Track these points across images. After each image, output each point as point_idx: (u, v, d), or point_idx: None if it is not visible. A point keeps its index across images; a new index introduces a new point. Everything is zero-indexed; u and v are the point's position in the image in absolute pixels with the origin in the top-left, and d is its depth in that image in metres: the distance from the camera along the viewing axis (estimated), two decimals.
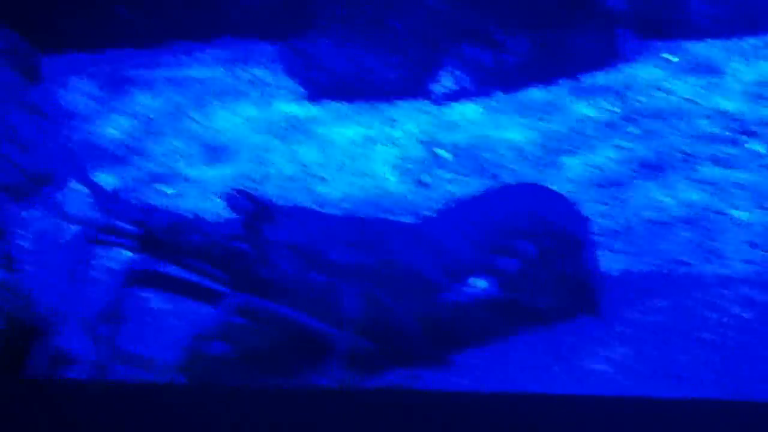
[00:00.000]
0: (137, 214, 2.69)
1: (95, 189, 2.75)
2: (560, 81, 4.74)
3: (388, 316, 2.68)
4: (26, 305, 2.63)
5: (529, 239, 2.89)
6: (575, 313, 2.92)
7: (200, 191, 3.84)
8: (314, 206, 3.76)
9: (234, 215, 2.72)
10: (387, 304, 2.66)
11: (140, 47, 5.30)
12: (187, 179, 3.94)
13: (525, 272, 2.88)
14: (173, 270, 2.76)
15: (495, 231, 2.88)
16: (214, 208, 3.50)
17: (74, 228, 3.43)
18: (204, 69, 5.04)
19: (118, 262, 2.90)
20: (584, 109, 4.40)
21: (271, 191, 3.89)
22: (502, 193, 3.08)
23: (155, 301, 2.96)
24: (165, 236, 2.65)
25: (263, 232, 2.69)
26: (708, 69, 4.75)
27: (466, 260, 2.83)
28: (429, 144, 4.18)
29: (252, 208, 2.70)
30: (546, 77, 4.78)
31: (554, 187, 3.70)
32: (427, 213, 3.72)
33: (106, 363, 2.65)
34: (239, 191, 2.73)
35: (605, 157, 3.99)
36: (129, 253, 2.72)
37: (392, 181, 3.96)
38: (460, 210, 2.99)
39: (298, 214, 2.76)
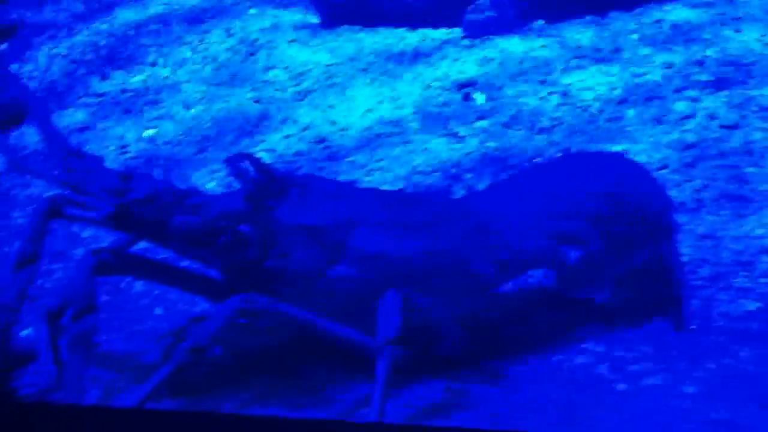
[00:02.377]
0: (112, 181, 2.12)
1: (56, 142, 2.16)
2: (613, 11, 4.11)
3: (424, 318, 2.14)
4: None
5: (596, 222, 2.34)
6: (651, 317, 2.40)
7: (189, 133, 3.24)
8: (324, 156, 3.21)
9: (236, 187, 2.16)
10: (423, 305, 2.12)
11: None
12: (173, 117, 3.33)
13: (591, 263, 2.35)
14: (158, 253, 2.21)
15: (554, 212, 2.32)
16: (208, 176, 2.94)
17: (32, 189, 2.87)
18: None
19: (87, 241, 2.36)
20: (642, 48, 3.77)
21: (274, 138, 3.30)
22: (563, 163, 2.51)
23: (136, 290, 2.42)
24: (147, 211, 2.08)
25: (272, 210, 2.13)
26: None
27: (520, 248, 2.29)
28: (462, 85, 3.57)
29: (259, 179, 2.13)
30: (596, 5, 4.14)
31: (615, 147, 3.19)
32: (459, 173, 3.17)
33: (74, 365, 2.12)
34: (243, 155, 2.15)
35: (669, 108, 3.40)
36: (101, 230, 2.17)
37: (417, 129, 3.37)
38: (512, 184, 2.43)
39: (315, 188, 2.19)
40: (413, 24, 4.03)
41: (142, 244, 2.35)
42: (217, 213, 2.10)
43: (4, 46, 3.37)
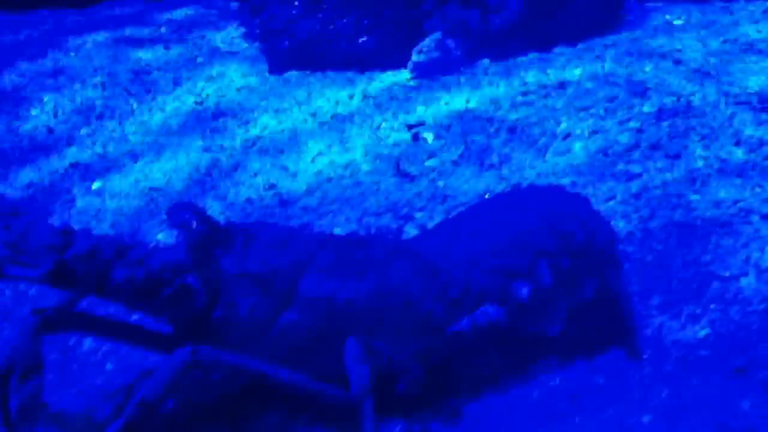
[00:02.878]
0: (51, 237, 2.08)
1: None
2: (556, 46, 4.20)
3: (383, 360, 2.13)
4: None
5: (543, 257, 2.35)
6: (604, 348, 2.41)
7: (137, 190, 3.21)
8: (275, 203, 3.20)
9: (179, 238, 2.13)
10: (381, 348, 2.11)
11: (73, 6, 4.60)
12: (121, 172, 3.30)
13: (542, 298, 2.35)
14: (107, 308, 2.17)
15: (503, 248, 2.33)
16: (154, 225, 2.91)
17: None
18: (148, 34, 4.36)
19: (35, 299, 2.31)
20: (586, 82, 3.85)
21: (223, 186, 3.29)
22: (510, 198, 2.52)
23: (85, 347, 2.37)
24: (87, 267, 2.04)
25: (216, 259, 2.11)
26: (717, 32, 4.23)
27: (469, 285, 2.29)
28: (411, 125, 3.60)
29: (202, 229, 2.11)
30: (540, 42, 4.22)
31: (563, 181, 3.23)
32: (410, 212, 3.18)
33: (24, 426, 2.06)
34: (185, 205, 2.13)
35: (614, 140, 3.46)
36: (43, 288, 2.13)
37: (367, 171, 3.38)
38: (460, 221, 2.44)
39: (260, 235, 2.17)
40: (361, 67, 4.07)
41: (91, 300, 2.31)
42: (159, 265, 2.07)
43: None
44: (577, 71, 3.95)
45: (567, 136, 3.51)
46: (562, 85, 3.85)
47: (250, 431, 2.21)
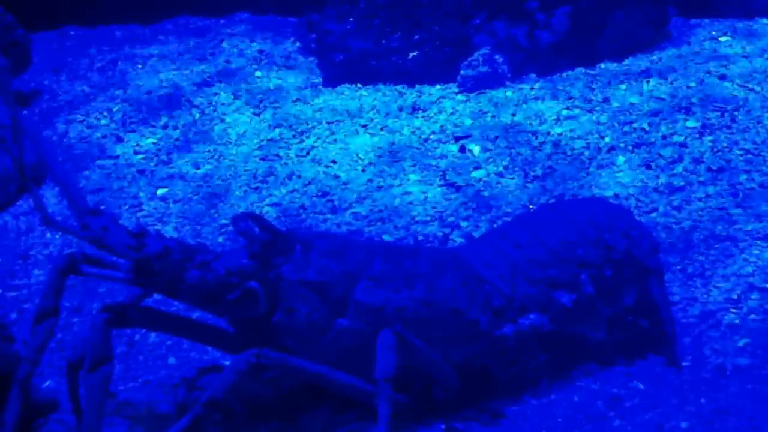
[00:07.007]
0: (126, 238, 2.24)
1: (76, 201, 2.28)
2: (602, 62, 4.28)
3: (418, 358, 2.24)
4: None
5: (587, 267, 2.44)
6: (644, 355, 2.50)
7: (199, 195, 3.39)
8: (327, 210, 3.34)
9: (242, 245, 2.27)
10: (417, 344, 2.21)
11: (140, 22, 4.81)
12: (183, 177, 3.48)
13: (584, 306, 2.45)
14: (170, 304, 2.32)
15: (546, 259, 2.43)
16: (215, 232, 3.07)
17: (51, 248, 3.00)
18: (210, 48, 4.54)
19: (102, 294, 2.47)
20: (630, 96, 3.93)
21: (278, 193, 3.44)
22: (554, 210, 2.61)
23: (150, 341, 2.53)
24: (165, 270, 2.19)
25: (277, 266, 2.24)
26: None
27: (513, 295, 2.39)
28: (458, 137, 3.72)
29: (264, 237, 2.25)
30: (586, 57, 4.31)
31: (606, 193, 3.32)
32: (456, 221, 3.29)
33: (92, 415, 2.21)
34: (248, 215, 2.27)
35: (657, 153, 3.53)
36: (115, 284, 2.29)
37: (415, 180, 3.51)
38: (504, 232, 2.53)
39: (318, 244, 2.30)
40: (410, 81, 4.20)
41: (154, 296, 2.46)
42: (225, 270, 2.22)
43: (24, 112, 3.55)
44: (622, 86, 4.03)
45: (611, 149, 3.59)
46: (606, 100, 3.93)
47: (301, 424, 2.34)
